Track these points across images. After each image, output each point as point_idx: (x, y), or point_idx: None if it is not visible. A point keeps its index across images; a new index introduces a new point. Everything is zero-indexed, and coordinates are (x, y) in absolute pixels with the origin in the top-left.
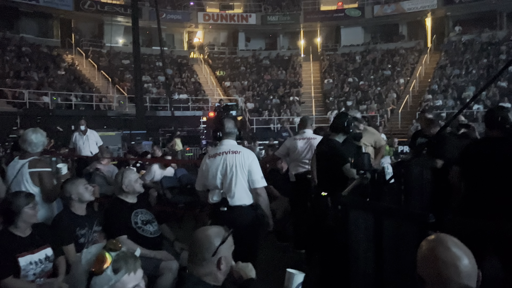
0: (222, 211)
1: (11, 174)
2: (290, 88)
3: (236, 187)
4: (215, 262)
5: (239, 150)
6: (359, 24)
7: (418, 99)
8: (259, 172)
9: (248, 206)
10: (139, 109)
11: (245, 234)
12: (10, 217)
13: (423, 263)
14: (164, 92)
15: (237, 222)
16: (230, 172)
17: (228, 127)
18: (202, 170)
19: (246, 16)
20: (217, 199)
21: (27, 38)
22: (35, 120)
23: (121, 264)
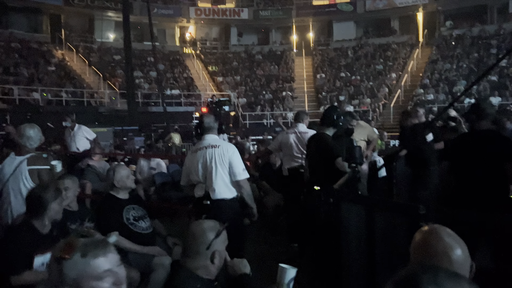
0: (205, 205)
1: (8, 171)
2: (283, 83)
3: (217, 181)
4: (209, 256)
5: (218, 144)
6: (351, 18)
7: (409, 94)
8: (240, 164)
9: (230, 199)
10: (131, 105)
11: (228, 227)
12: (36, 210)
13: (416, 253)
14: (156, 87)
15: (220, 215)
16: (210, 166)
17: (207, 122)
18: (185, 165)
19: (238, 10)
20: (200, 193)
21: (16, 33)
22: (25, 117)
23: (90, 248)
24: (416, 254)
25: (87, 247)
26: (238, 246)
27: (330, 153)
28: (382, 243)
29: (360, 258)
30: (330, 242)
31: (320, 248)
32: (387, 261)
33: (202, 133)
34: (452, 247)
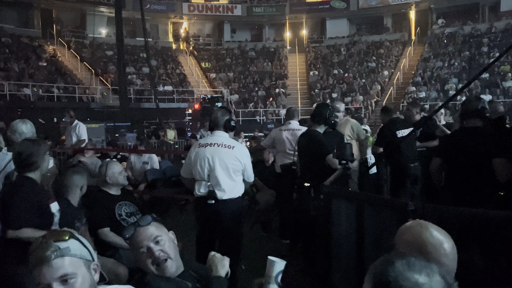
0: (210, 204)
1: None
2: (276, 80)
3: (225, 181)
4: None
5: (232, 145)
6: (344, 16)
7: (402, 91)
8: (250, 168)
9: (235, 199)
10: (123, 101)
11: (231, 226)
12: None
13: (404, 249)
14: (149, 83)
15: (224, 215)
16: (218, 165)
17: (222, 119)
18: (190, 158)
19: (232, 7)
20: (204, 191)
21: (6, 28)
22: (16, 113)
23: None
24: (408, 249)
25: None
26: (236, 246)
27: (320, 150)
28: (371, 239)
29: (350, 254)
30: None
31: (311, 244)
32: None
33: (213, 128)
34: (441, 241)
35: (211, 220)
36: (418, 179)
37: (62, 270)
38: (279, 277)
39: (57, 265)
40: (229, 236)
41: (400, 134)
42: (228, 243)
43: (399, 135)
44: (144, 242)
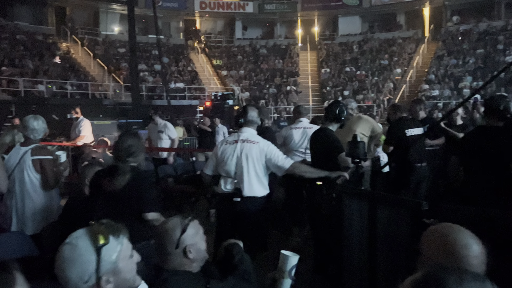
0: (235, 202)
1: (14, 161)
2: (287, 77)
3: (251, 178)
4: (181, 253)
5: (257, 140)
6: (357, 13)
7: (415, 89)
8: (280, 155)
9: (260, 197)
10: (135, 98)
11: (255, 225)
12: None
13: (432, 252)
14: (161, 80)
15: (249, 213)
16: (246, 162)
17: (251, 116)
18: (216, 154)
19: (243, 4)
20: (229, 188)
21: (21, 25)
22: (30, 109)
23: (115, 229)
24: (432, 253)
25: (113, 229)
26: (259, 244)
27: (333, 148)
28: (384, 239)
29: (361, 253)
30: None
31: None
32: (388, 257)
33: (243, 125)
34: (471, 243)
35: (234, 217)
36: (423, 180)
37: None
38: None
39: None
40: (250, 235)
41: (409, 133)
42: (249, 241)
43: (408, 134)
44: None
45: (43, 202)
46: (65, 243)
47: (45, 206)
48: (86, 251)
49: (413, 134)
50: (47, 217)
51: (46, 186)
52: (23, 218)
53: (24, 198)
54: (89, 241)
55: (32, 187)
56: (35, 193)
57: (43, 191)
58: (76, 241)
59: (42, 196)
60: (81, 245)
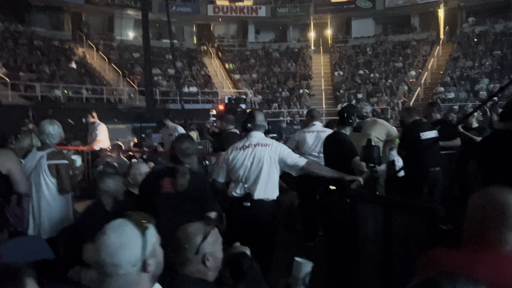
0: (246, 206)
1: (30, 166)
2: (300, 80)
3: (264, 181)
4: (200, 260)
5: (268, 143)
6: (370, 15)
7: (430, 92)
8: (294, 154)
9: (271, 201)
10: (149, 102)
11: (265, 229)
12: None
13: (483, 212)
14: (174, 85)
15: (259, 217)
16: (258, 165)
17: (259, 120)
18: (227, 161)
19: (256, 8)
20: (240, 192)
21: (38, 31)
22: (46, 113)
23: (147, 216)
24: (477, 216)
25: (146, 216)
26: (270, 249)
27: (347, 153)
28: (399, 245)
29: (376, 259)
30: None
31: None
32: (404, 264)
33: (252, 130)
34: None
35: (245, 222)
36: (436, 184)
37: None
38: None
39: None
40: (262, 239)
41: (424, 136)
42: (260, 246)
43: (423, 137)
44: None
45: (59, 206)
46: (105, 232)
47: (61, 210)
48: (133, 235)
49: (428, 137)
50: (63, 221)
51: (62, 190)
52: (39, 221)
53: (40, 202)
54: (134, 226)
55: (48, 191)
56: (51, 197)
57: (59, 195)
58: (121, 227)
59: (58, 200)
60: (128, 230)
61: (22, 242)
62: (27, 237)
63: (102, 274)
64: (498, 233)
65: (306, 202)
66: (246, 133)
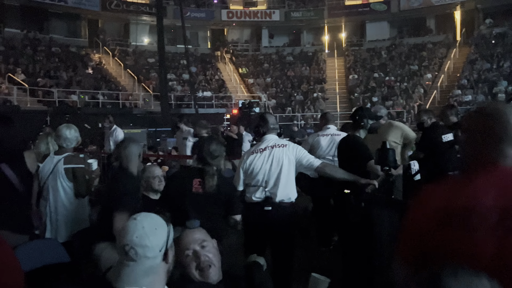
0: (266, 210)
1: (48, 170)
2: (314, 84)
3: (284, 182)
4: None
5: (285, 144)
6: (385, 18)
7: (446, 95)
8: (309, 155)
9: (291, 203)
10: (164, 106)
11: (286, 233)
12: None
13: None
14: (189, 89)
15: (280, 220)
16: (278, 166)
17: (272, 123)
18: (244, 167)
19: (270, 12)
20: (260, 196)
21: (56, 38)
22: (64, 118)
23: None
24: (480, 130)
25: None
26: (290, 251)
27: (361, 156)
28: None
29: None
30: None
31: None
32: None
33: (265, 133)
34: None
35: (265, 226)
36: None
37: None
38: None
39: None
40: (283, 242)
41: (445, 139)
42: (282, 249)
43: (444, 140)
44: (191, 245)
45: (75, 210)
46: (136, 218)
47: (78, 213)
48: (163, 223)
49: (449, 140)
50: (79, 225)
51: (78, 194)
52: (56, 225)
53: (57, 206)
54: (161, 218)
55: (65, 195)
56: (68, 201)
57: (76, 199)
58: (151, 215)
59: (75, 204)
60: (157, 218)
61: (38, 246)
62: (43, 240)
63: (127, 257)
64: (500, 148)
65: (320, 206)
66: (260, 137)
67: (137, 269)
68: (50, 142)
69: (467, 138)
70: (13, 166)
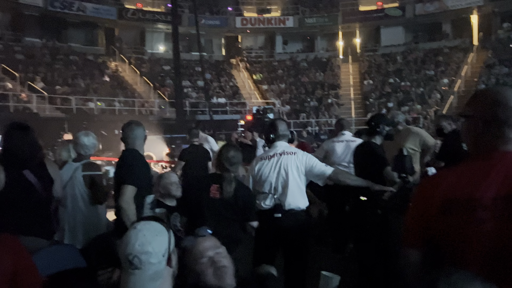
0: (276, 218)
1: (66, 176)
2: (328, 90)
3: (293, 189)
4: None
5: (294, 151)
6: (400, 23)
7: (464, 100)
8: (320, 163)
9: (302, 210)
10: (179, 113)
11: (297, 240)
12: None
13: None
14: (203, 96)
15: (291, 228)
16: (285, 174)
17: (282, 129)
18: (253, 173)
19: (284, 19)
20: (269, 203)
21: (74, 47)
22: (81, 125)
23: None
24: (483, 110)
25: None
26: (303, 259)
27: (377, 163)
28: None
29: None
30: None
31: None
32: None
33: (275, 140)
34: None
35: (276, 233)
36: None
37: None
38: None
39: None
40: (295, 249)
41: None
42: (295, 256)
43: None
44: (206, 252)
45: (92, 216)
46: (136, 227)
47: (95, 220)
48: (162, 229)
49: None
50: (97, 231)
51: (95, 201)
52: (74, 231)
53: (75, 212)
54: (160, 224)
55: (83, 201)
56: (86, 208)
57: (93, 205)
58: (150, 223)
59: (92, 210)
60: (157, 225)
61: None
62: (61, 246)
63: (132, 266)
64: (503, 133)
65: (335, 212)
66: (270, 144)
67: (143, 276)
68: (71, 149)
69: (468, 125)
70: (36, 172)
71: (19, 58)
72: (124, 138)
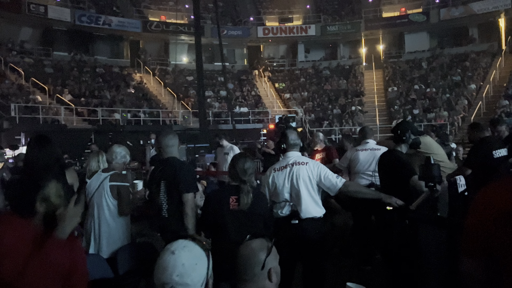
0: (293, 224)
1: (94, 186)
2: (352, 97)
3: (306, 199)
4: (266, 275)
5: (306, 161)
6: (424, 29)
7: (492, 105)
8: (331, 174)
9: (318, 218)
10: (202, 123)
11: (315, 247)
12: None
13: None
14: (226, 106)
15: (308, 234)
16: (299, 184)
17: (292, 139)
18: (268, 184)
19: (306, 27)
20: (286, 212)
21: (100, 59)
22: (107, 136)
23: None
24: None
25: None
26: (321, 267)
27: (404, 172)
28: None
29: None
30: (406, 267)
31: (396, 273)
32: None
33: (287, 150)
34: None
35: (294, 240)
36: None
37: None
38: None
39: None
40: (313, 256)
41: (497, 154)
42: (313, 263)
43: (495, 156)
44: None
45: (117, 227)
46: (174, 252)
47: (120, 231)
48: (202, 255)
49: (501, 155)
50: (121, 242)
51: (121, 212)
52: (99, 241)
53: (101, 222)
54: (199, 247)
55: (109, 212)
56: (111, 218)
57: (119, 216)
58: (190, 248)
59: (118, 221)
60: (197, 251)
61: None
62: (89, 256)
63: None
64: None
65: (361, 223)
66: (282, 153)
67: None
68: (101, 160)
69: None
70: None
71: (48, 72)
72: (163, 147)
